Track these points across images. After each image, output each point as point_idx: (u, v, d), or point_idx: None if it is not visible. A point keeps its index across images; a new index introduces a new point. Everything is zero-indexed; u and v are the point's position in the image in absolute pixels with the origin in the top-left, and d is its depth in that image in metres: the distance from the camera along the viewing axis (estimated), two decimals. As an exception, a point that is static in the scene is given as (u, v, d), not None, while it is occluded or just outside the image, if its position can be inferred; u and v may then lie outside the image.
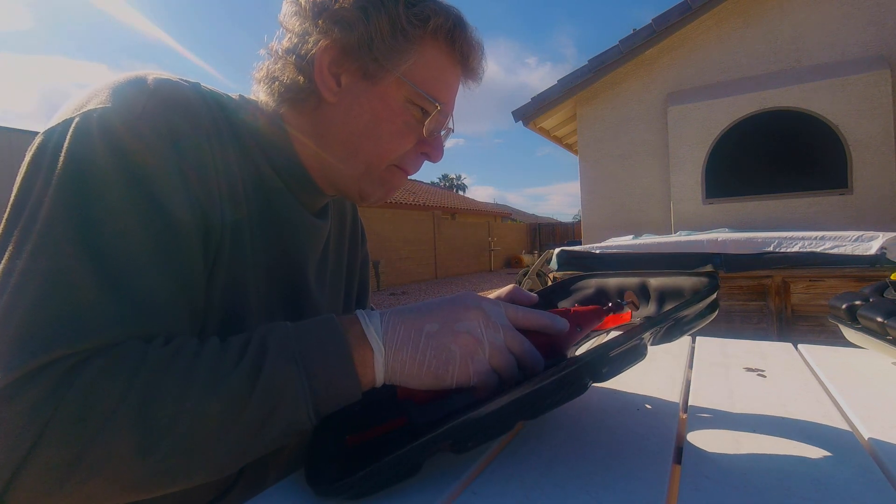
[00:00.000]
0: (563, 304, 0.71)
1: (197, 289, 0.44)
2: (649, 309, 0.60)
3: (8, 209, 0.39)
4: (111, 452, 0.33)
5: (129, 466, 0.34)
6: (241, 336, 0.41)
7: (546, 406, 0.40)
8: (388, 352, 0.41)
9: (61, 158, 0.39)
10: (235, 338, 0.41)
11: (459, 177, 55.35)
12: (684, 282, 0.56)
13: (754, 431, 0.49)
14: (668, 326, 0.47)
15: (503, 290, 0.60)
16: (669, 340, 0.49)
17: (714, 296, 0.48)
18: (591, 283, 0.70)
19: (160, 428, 0.34)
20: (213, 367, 0.37)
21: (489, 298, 0.49)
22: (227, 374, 0.37)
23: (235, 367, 0.37)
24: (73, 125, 0.40)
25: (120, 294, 0.37)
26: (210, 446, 0.36)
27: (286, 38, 0.53)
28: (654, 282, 0.60)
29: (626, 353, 0.41)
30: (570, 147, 6.79)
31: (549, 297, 0.73)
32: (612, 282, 0.67)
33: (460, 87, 0.58)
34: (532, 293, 0.60)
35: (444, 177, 52.27)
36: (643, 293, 0.61)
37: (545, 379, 0.39)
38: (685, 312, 0.46)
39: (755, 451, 0.45)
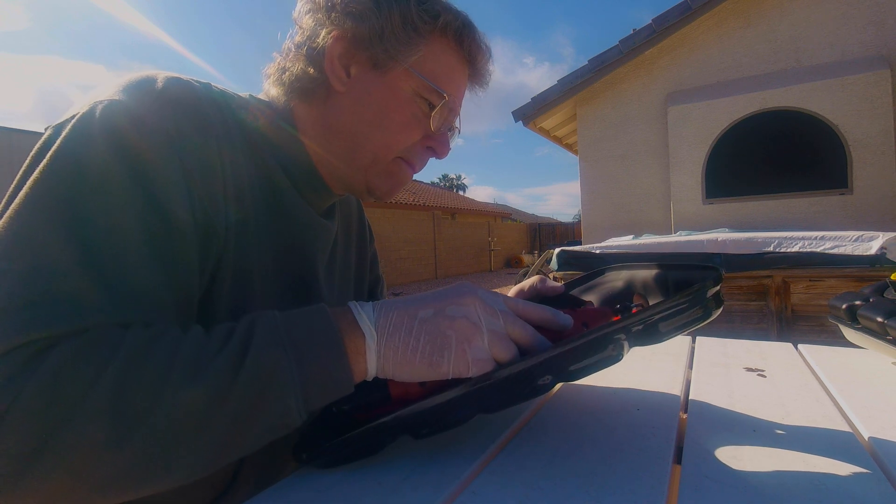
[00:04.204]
0: (589, 298, 0.70)
1: (190, 287, 0.43)
2: None
3: (5, 198, 0.39)
4: (78, 443, 0.31)
5: (99, 459, 0.31)
6: (227, 324, 0.39)
7: (505, 401, 0.40)
8: (380, 338, 0.40)
9: (58, 147, 0.38)
10: (221, 325, 0.39)
11: (459, 177, 55.47)
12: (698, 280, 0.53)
13: (754, 431, 0.49)
14: (642, 329, 0.41)
15: (527, 282, 0.60)
16: (648, 344, 0.42)
17: (699, 305, 0.42)
18: (622, 276, 0.68)
19: (134, 417, 0.32)
20: (195, 353, 0.35)
21: (486, 289, 0.49)
22: (209, 360, 0.35)
23: (218, 353, 0.35)
24: (76, 117, 0.40)
25: (104, 284, 0.36)
26: (190, 439, 0.34)
27: (298, 34, 0.54)
28: (672, 275, 0.58)
29: (590, 350, 0.39)
30: (570, 147, 6.79)
31: (574, 288, 0.72)
32: (640, 274, 0.64)
33: (467, 91, 0.59)
34: (558, 283, 0.60)
35: (444, 177, 52.38)
36: (663, 286, 0.59)
37: (508, 371, 0.39)
38: (660, 317, 0.41)
39: (755, 451, 0.45)
